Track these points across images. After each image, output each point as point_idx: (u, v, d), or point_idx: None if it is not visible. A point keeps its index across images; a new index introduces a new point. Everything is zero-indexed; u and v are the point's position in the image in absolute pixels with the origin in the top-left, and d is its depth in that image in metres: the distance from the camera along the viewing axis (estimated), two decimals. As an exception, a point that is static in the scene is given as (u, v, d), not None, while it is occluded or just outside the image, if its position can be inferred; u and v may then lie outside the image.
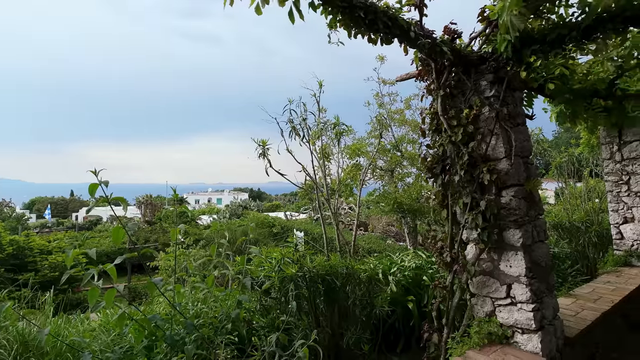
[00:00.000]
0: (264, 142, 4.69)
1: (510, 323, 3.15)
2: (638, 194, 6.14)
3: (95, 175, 2.62)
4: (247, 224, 19.01)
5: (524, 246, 3.09)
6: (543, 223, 3.39)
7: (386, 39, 2.69)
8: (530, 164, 3.41)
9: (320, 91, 4.99)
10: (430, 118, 3.57)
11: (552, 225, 8.92)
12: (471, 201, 3.22)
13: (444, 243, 3.50)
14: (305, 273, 4.23)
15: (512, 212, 3.13)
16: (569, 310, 4.07)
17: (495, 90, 3.23)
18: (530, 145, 3.48)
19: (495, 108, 3.17)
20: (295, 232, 18.41)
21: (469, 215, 3.23)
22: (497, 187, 3.19)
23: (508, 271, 3.18)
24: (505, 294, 3.19)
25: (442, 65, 3.40)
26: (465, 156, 3.23)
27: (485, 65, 3.30)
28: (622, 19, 2.72)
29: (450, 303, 3.41)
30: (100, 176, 2.62)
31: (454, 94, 3.49)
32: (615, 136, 6.36)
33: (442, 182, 3.42)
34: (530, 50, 3.10)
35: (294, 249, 4.63)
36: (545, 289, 3.24)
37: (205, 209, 39.60)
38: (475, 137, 3.28)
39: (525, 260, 3.07)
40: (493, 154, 3.24)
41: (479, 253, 3.26)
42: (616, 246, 6.50)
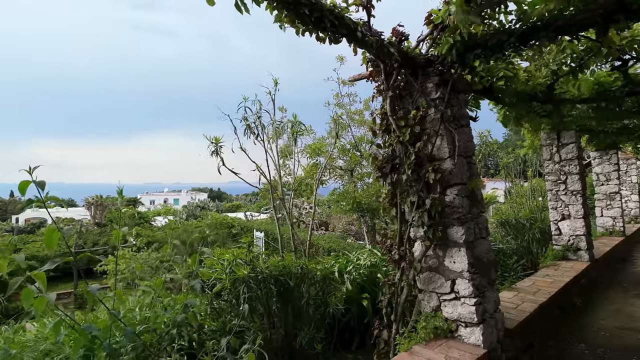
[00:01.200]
0: (216, 140, 4.57)
1: (455, 317, 3.27)
2: (574, 192, 6.60)
3: (29, 173, 2.38)
4: (204, 225, 18.52)
5: (467, 243, 3.21)
6: (485, 220, 3.54)
7: (334, 38, 2.70)
8: (473, 163, 3.55)
9: (275, 89, 4.94)
10: (381, 118, 3.63)
11: (499, 223, 9.36)
12: (418, 200, 3.31)
13: (393, 241, 3.57)
14: (258, 274, 4.16)
15: (455, 210, 3.24)
16: (511, 303, 4.29)
17: (441, 92, 3.34)
18: (474, 145, 3.62)
19: (440, 110, 3.27)
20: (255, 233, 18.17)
21: (415, 213, 3.31)
22: (442, 186, 3.29)
23: (452, 267, 3.29)
24: (449, 289, 3.30)
25: (391, 66, 3.47)
26: (413, 156, 3.31)
27: (432, 68, 3.40)
28: (554, 27, 2.89)
29: (399, 299, 3.48)
30: (36, 175, 2.39)
31: (403, 95, 3.56)
32: (554, 138, 6.80)
33: (391, 181, 3.48)
34: (473, 54, 3.22)
35: (247, 249, 4.54)
36: (487, 283, 3.39)
37: (160, 209, 38.15)
38: (421, 137, 3.36)
39: (468, 256, 3.19)
40: (438, 153, 3.34)
41: (425, 250, 3.36)
42: (555, 241, 6.95)
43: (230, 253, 4.46)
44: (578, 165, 6.55)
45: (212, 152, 4.43)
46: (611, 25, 2.85)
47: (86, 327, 2.70)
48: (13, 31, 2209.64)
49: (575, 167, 6.55)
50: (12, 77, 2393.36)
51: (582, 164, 6.71)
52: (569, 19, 2.82)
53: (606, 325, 4.79)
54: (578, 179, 6.54)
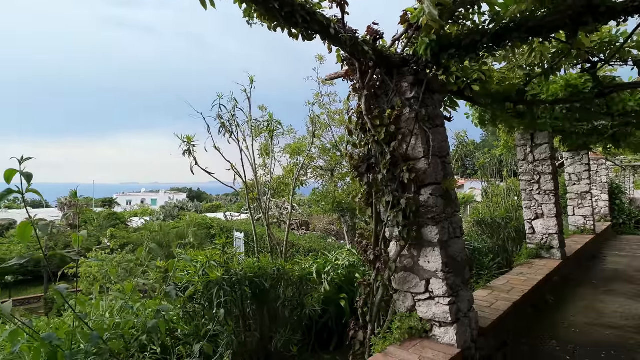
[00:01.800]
0: (189, 139, 4.45)
1: (429, 317, 3.26)
2: (547, 192, 6.74)
3: (20, 162, 2.16)
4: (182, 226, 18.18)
5: (441, 242, 3.21)
6: (459, 220, 3.55)
7: (307, 34, 2.64)
8: (448, 163, 3.56)
9: (251, 87, 4.84)
10: (357, 117, 3.60)
11: (476, 222, 9.52)
12: (393, 199, 3.29)
13: (369, 241, 3.55)
14: (232, 276, 4.07)
15: (430, 209, 3.24)
16: (485, 301, 4.34)
17: (416, 92, 3.33)
18: (448, 145, 3.63)
19: (415, 109, 3.26)
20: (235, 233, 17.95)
21: (391, 213, 3.29)
22: (417, 185, 3.29)
23: (427, 267, 3.28)
24: (424, 289, 3.30)
25: (366, 65, 3.44)
26: (388, 155, 3.29)
27: (407, 67, 3.39)
28: (525, 28, 2.91)
29: (374, 300, 3.45)
30: (24, 166, 2.20)
31: (378, 94, 3.54)
32: (528, 139, 6.94)
33: (367, 181, 3.46)
34: (448, 54, 3.22)
35: (222, 251, 4.44)
36: (461, 282, 3.40)
37: (137, 210, 37.26)
38: (397, 137, 3.35)
39: (442, 256, 3.19)
40: (413, 153, 3.33)
41: (399, 250, 3.34)
42: (529, 240, 7.09)
43: (203, 255, 4.36)
44: (551, 165, 6.70)
45: (185, 152, 4.31)
46: (580, 28, 2.89)
47: (46, 336, 2.56)
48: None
49: (548, 167, 6.70)
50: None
51: (554, 164, 6.87)
52: (540, 20, 2.85)
53: (576, 322, 4.90)
54: (551, 178, 6.69)
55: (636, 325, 4.75)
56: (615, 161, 18.07)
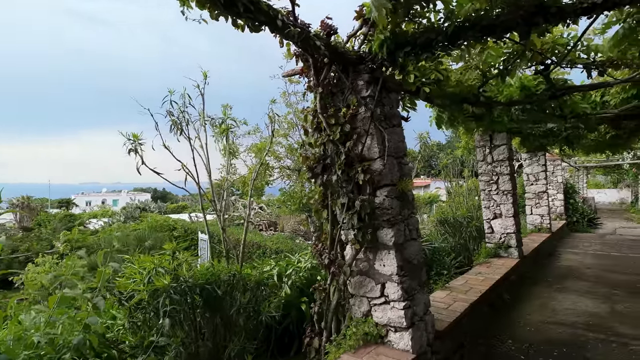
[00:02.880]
0: (135, 137, 4.16)
1: (385, 322, 3.17)
2: (505, 192, 6.88)
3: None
4: (143, 228, 17.46)
5: (396, 245, 3.13)
6: (416, 221, 3.49)
7: (253, 25, 2.48)
8: (405, 164, 3.49)
9: (204, 82, 4.60)
10: (312, 116, 3.46)
11: (439, 221, 9.65)
12: (348, 201, 3.18)
13: (325, 244, 3.42)
14: (181, 283, 3.83)
15: (385, 211, 3.15)
16: (443, 303, 4.32)
17: (371, 90, 3.23)
18: (405, 146, 3.56)
19: (370, 108, 3.17)
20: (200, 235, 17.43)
21: (346, 215, 3.18)
22: (372, 187, 3.19)
23: (382, 270, 3.19)
24: (379, 293, 3.20)
25: (321, 62, 3.31)
26: (343, 156, 3.18)
27: (363, 65, 3.29)
28: (480, 27, 2.88)
29: (329, 305, 3.33)
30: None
31: (334, 92, 3.42)
32: (487, 140, 7.06)
33: (322, 182, 3.33)
34: (403, 52, 3.14)
35: (171, 256, 4.19)
36: (417, 285, 3.33)
37: (97, 211, 35.56)
38: (352, 136, 3.24)
39: (397, 259, 3.11)
40: (368, 154, 3.23)
41: (355, 253, 3.23)
42: (488, 239, 7.22)
43: (150, 261, 4.10)
44: (509, 166, 6.85)
45: (130, 151, 4.02)
46: (533, 29, 2.88)
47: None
48: None
49: (506, 168, 6.84)
50: None
51: (512, 165, 7.03)
52: (494, 20, 2.82)
53: (532, 320, 4.99)
54: (509, 179, 6.84)
55: (586, 322, 4.89)
56: (570, 162, 18.97)
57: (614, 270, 7.69)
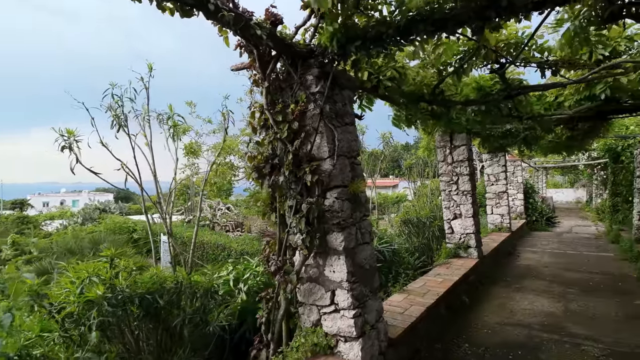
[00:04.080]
0: (70, 132, 3.78)
1: (334, 332, 2.99)
2: (464, 192, 6.90)
3: None
4: (100, 231, 16.59)
5: (347, 250, 2.95)
6: (369, 224, 3.33)
7: (182, 9, 2.23)
8: (357, 164, 3.33)
9: (149, 75, 4.26)
10: (259, 112, 3.23)
11: (402, 221, 9.65)
12: (296, 204, 2.97)
13: (272, 250, 3.20)
14: (118, 294, 3.51)
15: (335, 214, 2.96)
16: (399, 307, 4.19)
17: (321, 86, 3.04)
18: (359, 145, 3.40)
19: (319, 105, 2.97)
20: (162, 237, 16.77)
21: (293, 219, 2.97)
22: (321, 188, 3.00)
23: (332, 277, 3.01)
24: (330, 301, 3.02)
25: (268, 54, 3.09)
26: (290, 155, 2.97)
27: (313, 59, 3.09)
28: (431, 21, 2.75)
29: (276, 315, 3.11)
30: None
31: (283, 88, 3.21)
32: (448, 140, 7.05)
33: (270, 183, 3.10)
34: (354, 46, 2.97)
35: (110, 263, 3.85)
36: (369, 291, 3.17)
37: (55, 212, 33.67)
38: (300, 134, 3.04)
39: (347, 265, 2.93)
40: (318, 153, 3.04)
41: (303, 259, 3.03)
42: (448, 240, 7.22)
43: (85, 269, 3.74)
44: (468, 166, 6.87)
45: (63, 148, 3.64)
46: (486, 24, 2.78)
47: None
48: None
49: (466, 169, 6.86)
50: None
51: (472, 165, 7.06)
52: (446, 13, 2.70)
53: (489, 322, 4.97)
54: (468, 179, 6.85)
55: (541, 322, 4.92)
56: (529, 163, 19.64)
57: (570, 268, 7.90)
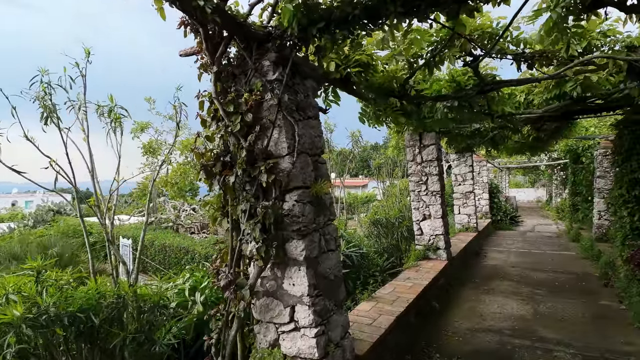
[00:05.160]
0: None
1: (294, 353, 2.63)
2: (434, 193, 6.72)
3: None
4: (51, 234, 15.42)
5: (308, 260, 2.60)
6: (334, 230, 3.00)
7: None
8: (322, 163, 2.99)
9: (86, 61, 3.74)
10: (209, 102, 2.82)
11: (372, 222, 9.46)
12: (250, 208, 2.59)
13: (224, 260, 2.80)
14: (42, 313, 2.99)
15: (295, 219, 2.60)
16: (367, 317, 3.89)
17: (280, 73, 2.67)
18: (323, 142, 3.06)
19: (277, 94, 2.60)
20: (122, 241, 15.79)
21: (247, 225, 2.59)
22: (280, 190, 2.63)
23: (292, 290, 2.65)
24: (289, 318, 2.66)
25: (219, 36, 2.68)
26: (244, 152, 2.58)
27: (270, 42, 2.71)
28: (402, 2, 2.44)
29: (227, 336, 2.71)
30: None
31: (237, 75, 2.81)
32: (417, 140, 6.86)
33: (220, 184, 2.70)
34: (317, 28, 2.63)
35: (36, 277, 3.32)
36: (334, 305, 2.84)
37: (4, 214, 31.32)
38: (255, 128, 2.65)
39: (309, 277, 2.58)
40: (275, 149, 2.67)
41: (259, 271, 2.65)
42: (417, 241, 7.03)
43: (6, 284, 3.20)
44: (437, 166, 6.70)
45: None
46: (461, 7, 2.51)
47: None
48: None
49: (435, 168, 6.69)
50: None
51: (441, 165, 6.91)
52: (418, -7, 2.40)
53: (460, 328, 4.77)
54: (437, 179, 6.69)
55: (512, 327, 4.77)
56: (493, 163, 20.06)
57: (536, 268, 7.92)
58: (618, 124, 6.10)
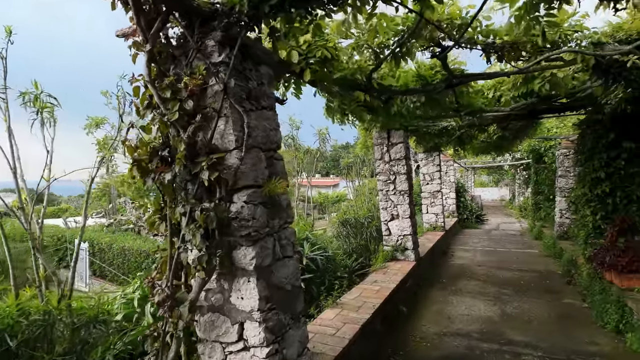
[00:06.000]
0: None
1: (243, 376, 2.30)
2: (402, 192, 6.54)
3: None
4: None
5: (259, 269, 2.28)
6: (291, 234, 2.69)
7: None
8: (278, 159, 2.67)
9: (7, 40, 3.24)
10: (144, 86, 2.43)
11: (340, 222, 9.23)
12: (190, 210, 2.23)
13: (163, 272, 2.42)
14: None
15: (244, 223, 2.27)
16: (331, 326, 3.61)
17: (226, 55, 2.33)
18: (279, 136, 2.73)
19: (222, 79, 2.26)
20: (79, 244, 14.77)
21: (187, 229, 2.23)
22: (226, 189, 2.29)
23: (240, 305, 2.32)
24: (237, 337, 2.32)
25: (155, 10, 2.30)
26: (183, 145, 2.22)
27: (216, 20, 2.36)
28: (364, -23, 2.17)
29: (165, 358, 2.34)
30: None
31: (177, 56, 2.44)
32: (385, 138, 6.66)
33: (157, 183, 2.32)
34: (269, 5, 2.30)
35: None
36: (291, 319, 2.53)
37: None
38: (197, 118, 2.30)
39: (260, 289, 2.26)
40: (222, 143, 2.32)
41: (200, 284, 2.30)
42: (385, 242, 6.84)
43: None
44: (406, 165, 6.53)
45: None
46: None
47: None
48: None
49: (403, 167, 6.52)
50: None
51: (409, 164, 6.75)
52: (382, -33, 2.13)
53: (428, 332, 4.59)
54: (406, 178, 6.52)
55: (480, 330, 4.64)
56: (460, 163, 20.40)
57: (501, 266, 7.94)
58: (581, 123, 6.13)
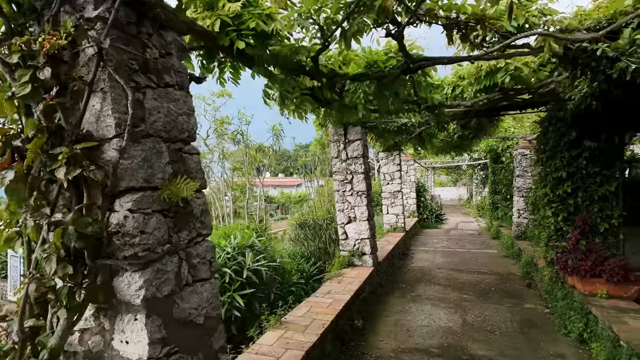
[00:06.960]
0: None
1: None
2: (359, 193, 6.09)
3: None
4: None
5: (150, 302, 1.66)
6: (207, 249, 2.09)
7: None
8: (191, 154, 2.06)
9: None
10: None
11: (298, 225, 8.78)
12: (48, 223, 1.58)
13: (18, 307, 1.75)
14: None
15: (128, 240, 1.65)
16: (270, 355, 3.03)
17: (106, 8, 1.69)
18: (190, 123, 2.12)
19: (98, 40, 1.62)
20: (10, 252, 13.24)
21: (40, 250, 1.58)
22: (103, 193, 1.66)
23: (125, 351, 1.69)
24: (121, 395, 1.70)
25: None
26: (33, 130, 1.57)
27: (94, -39, 1.72)
28: None
29: None
30: None
31: (38, 8, 1.78)
32: (342, 134, 6.18)
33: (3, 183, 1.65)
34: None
35: None
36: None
37: None
38: (62, 92, 1.65)
39: (150, 330, 1.65)
40: (97, 128, 1.69)
41: (66, 325, 1.65)
42: (342, 247, 6.36)
43: None
44: (363, 164, 6.08)
45: None
46: None
47: None
48: None
49: (361, 166, 6.06)
50: None
51: (367, 162, 6.30)
52: None
53: (385, 350, 4.12)
54: (363, 178, 6.06)
55: (440, 344, 4.23)
56: (420, 163, 20.47)
57: (461, 269, 7.69)
58: (542, 121, 5.92)
